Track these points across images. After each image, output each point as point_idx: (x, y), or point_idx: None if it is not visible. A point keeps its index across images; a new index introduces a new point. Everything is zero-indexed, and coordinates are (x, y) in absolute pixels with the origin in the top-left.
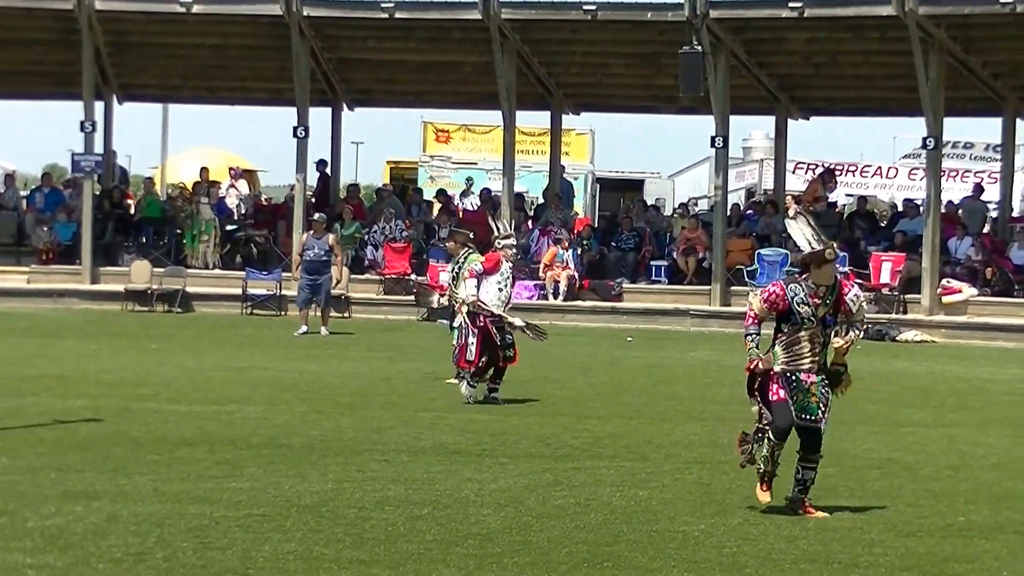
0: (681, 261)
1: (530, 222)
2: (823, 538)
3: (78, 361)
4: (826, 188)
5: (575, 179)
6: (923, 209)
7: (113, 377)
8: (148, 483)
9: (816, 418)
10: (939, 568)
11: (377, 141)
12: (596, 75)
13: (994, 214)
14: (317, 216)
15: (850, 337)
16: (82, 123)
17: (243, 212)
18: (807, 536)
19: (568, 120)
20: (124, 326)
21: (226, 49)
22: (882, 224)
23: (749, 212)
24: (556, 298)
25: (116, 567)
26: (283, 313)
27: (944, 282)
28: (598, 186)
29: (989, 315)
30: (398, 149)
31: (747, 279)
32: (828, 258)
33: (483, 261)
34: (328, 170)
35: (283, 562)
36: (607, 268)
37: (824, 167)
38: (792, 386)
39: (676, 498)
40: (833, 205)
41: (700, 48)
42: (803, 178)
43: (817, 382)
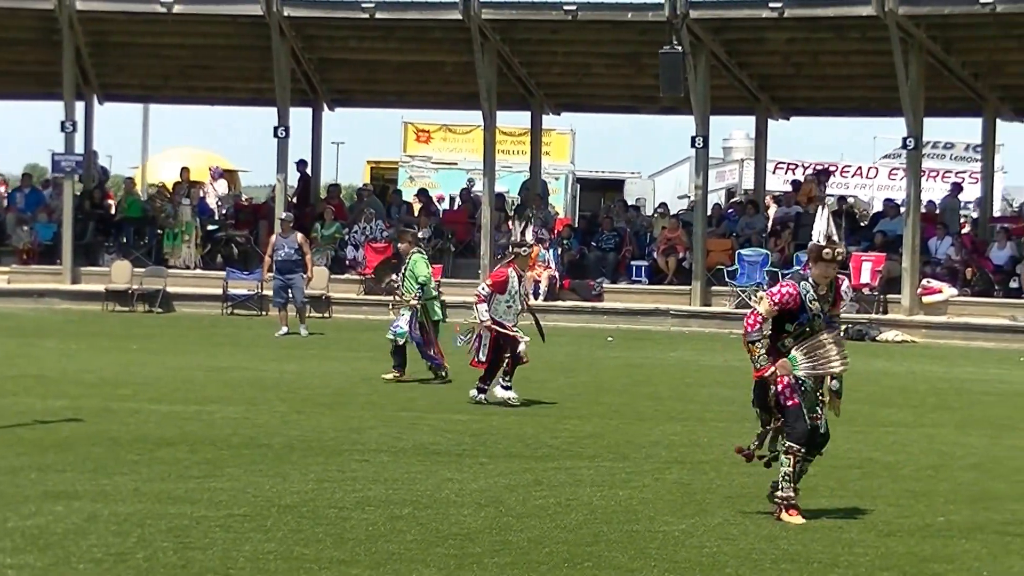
0: (661, 261)
1: (510, 222)
2: (803, 538)
3: (58, 361)
4: (820, 187)
5: (555, 179)
6: (903, 209)
7: (94, 377)
8: (129, 483)
9: (819, 416)
10: (919, 568)
11: (358, 141)
12: (576, 75)
13: (974, 214)
14: (284, 215)
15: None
16: (63, 123)
17: (224, 212)
18: (787, 536)
19: (548, 120)
20: (105, 326)
21: (206, 49)
22: (862, 224)
23: (729, 212)
24: (536, 298)
25: (96, 567)
26: (264, 313)
27: (924, 282)
28: (578, 186)
29: (969, 315)
30: (378, 149)
31: (727, 279)
32: (824, 257)
33: (489, 283)
34: (308, 170)
35: (263, 562)
36: (587, 268)
37: (816, 167)
38: (802, 390)
39: (656, 498)
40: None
41: (680, 48)
42: (783, 178)
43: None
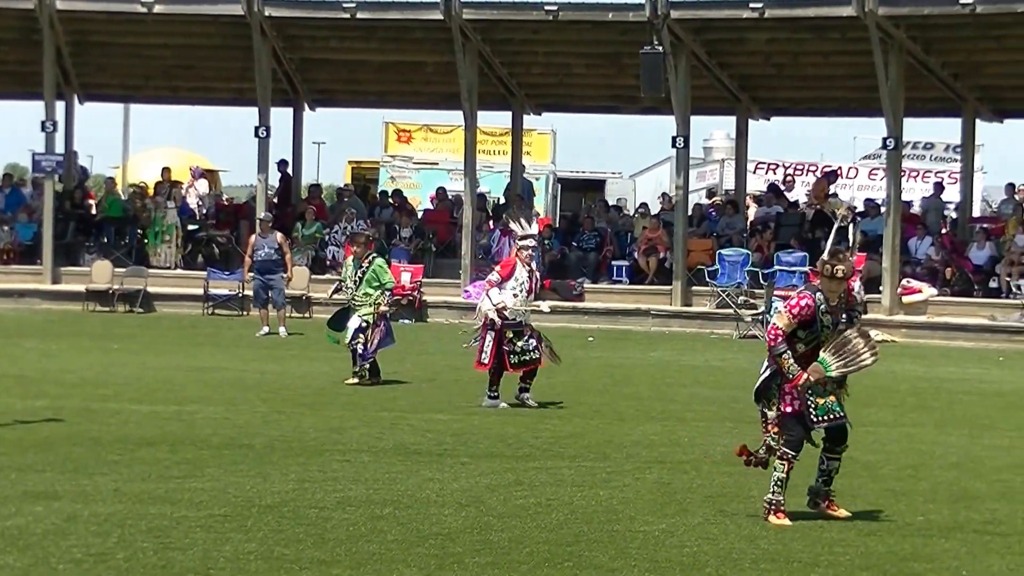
0: (642, 261)
1: (491, 222)
2: (783, 537)
3: (39, 361)
4: (829, 186)
5: (536, 179)
6: (883, 209)
7: (74, 377)
8: (109, 483)
9: (841, 414)
10: (898, 567)
11: (339, 141)
12: (557, 75)
13: (954, 215)
14: (263, 215)
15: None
16: (43, 123)
17: (205, 212)
18: (767, 536)
19: (529, 120)
20: (85, 326)
21: (188, 49)
22: (842, 224)
23: (710, 212)
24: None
25: (76, 568)
26: (245, 313)
27: (904, 282)
28: (559, 186)
29: (949, 315)
30: (360, 149)
31: (708, 279)
32: (824, 273)
33: (499, 270)
34: (290, 170)
35: (244, 562)
36: (568, 268)
37: (824, 169)
38: (809, 393)
39: (637, 497)
40: (795, 204)
41: (661, 48)
42: (763, 178)
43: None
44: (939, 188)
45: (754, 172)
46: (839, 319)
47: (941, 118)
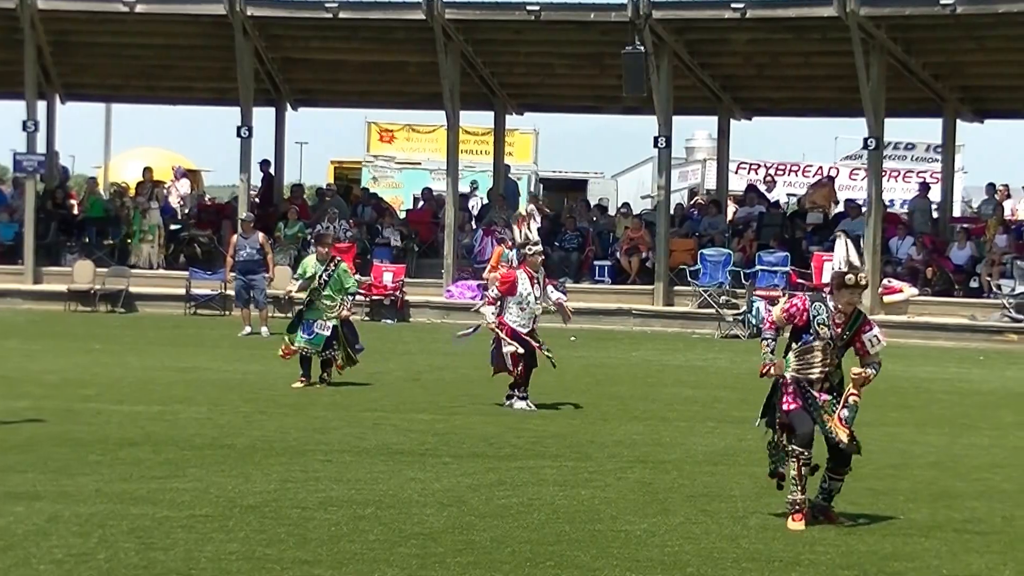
0: (624, 261)
1: (473, 222)
2: (764, 537)
3: (20, 361)
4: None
5: (519, 179)
6: (864, 209)
7: (56, 377)
8: (91, 484)
9: (838, 439)
10: (879, 566)
11: (321, 141)
12: (540, 75)
13: (935, 215)
14: (244, 215)
15: (868, 373)
16: (24, 123)
17: (187, 212)
18: (748, 535)
19: (512, 120)
20: (67, 326)
21: (169, 49)
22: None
23: (692, 212)
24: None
25: (58, 568)
26: (227, 313)
27: (885, 282)
28: (541, 186)
29: (929, 315)
30: (342, 149)
31: (690, 279)
32: (847, 283)
33: (498, 284)
34: (272, 170)
35: (226, 562)
36: (550, 268)
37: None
38: (807, 400)
39: (619, 497)
40: (776, 205)
41: (643, 48)
42: (745, 178)
43: (830, 400)
44: (925, 188)
45: (736, 172)
46: (839, 337)
47: (922, 118)
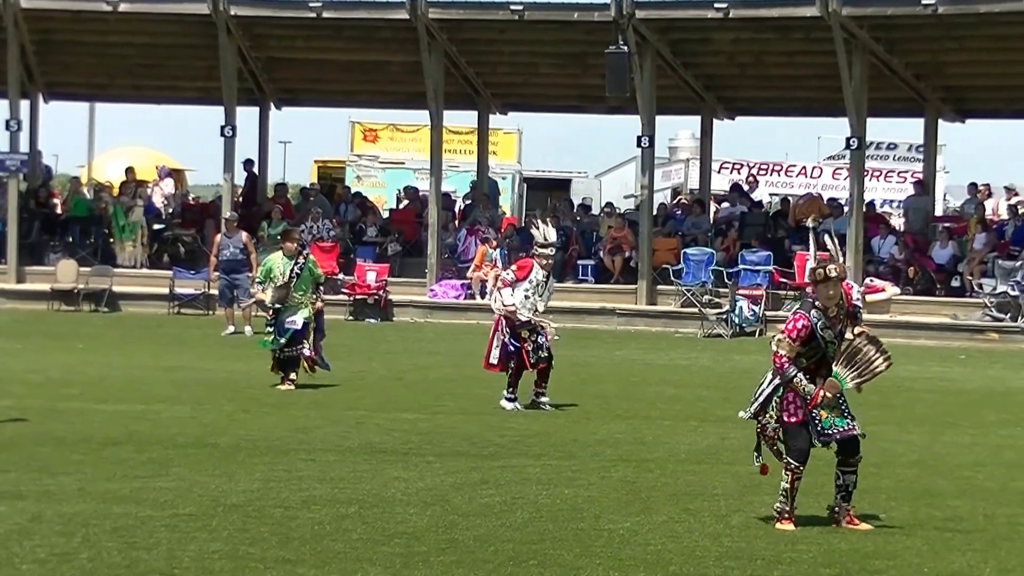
0: (607, 260)
1: (457, 221)
2: (746, 535)
3: (3, 361)
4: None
5: (502, 179)
6: (847, 209)
7: (39, 377)
8: (74, 483)
9: (849, 427)
10: (860, 564)
11: (305, 141)
12: (523, 75)
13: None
14: (228, 215)
15: (862, 329)
16: (7, 122)
17: (171, 211)
18: (731, 533)
19: (495, 120)
20: (50, 325)
21: (153, 48)
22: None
23: (675, 212)
24: (483, 297)
25: (40, 567)
26: (210, 312)
27: (867, 281)
28: (525, 186)
29: (911, 314)
30: (326, 148)
31: (673, 278)
32: (818, 278)
33: (515, 270)
34: (255, 169)
35: (209, 562)
36: None
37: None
38: (807, 412)
39: (602, 496)
40: (759, 204)
41: (626, 48)
42: (728, 178)
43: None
44: (920, 186)
45: (719, 172)
46: (842, 329)
47: (904, 118)
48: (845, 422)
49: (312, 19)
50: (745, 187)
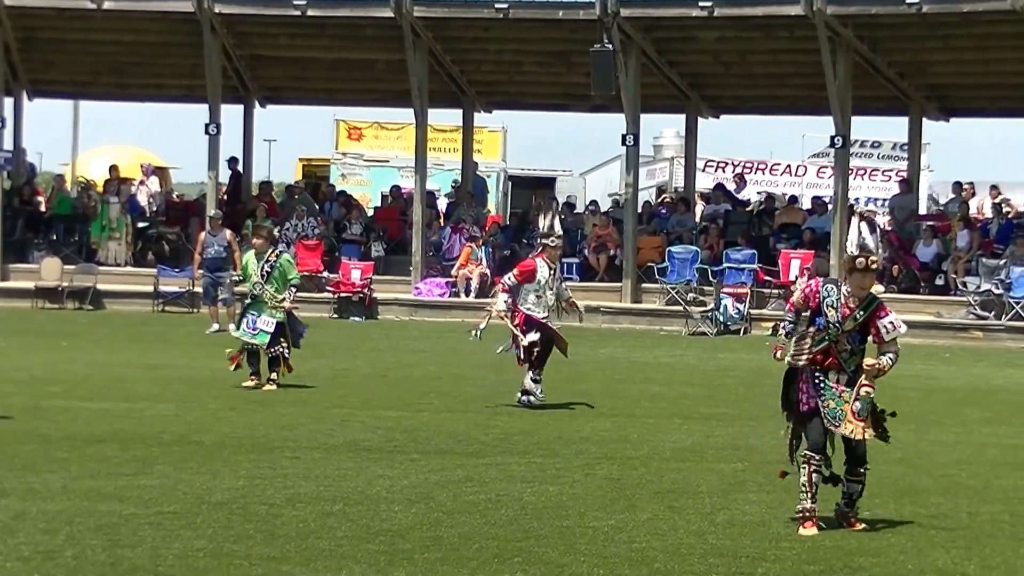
0: (592, 258)
1: (441, 219)
2: (731, 532)
3: None
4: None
5: (487, 177)
6: (831, 207)
7: (23, 375)
8: (58, 480)
9: (838, 424)
10: (845, 561)
11: (290, 139)
12: (508, 73)
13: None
14: (213, 212)
15: (884, 361)
16: None
17: (155, 209)
18: (715, 531)
19: (480, 118)
20: (34, 323)
21: (137, 45)
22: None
23: (660, 210)
24: (468, 295)
25: (25, 565)
26: (195, 310)
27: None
28: (510, 184)
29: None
30: (310, 147)
31: (658, 276)
32: (858, 267)
33: (516, 274)
34: (240, 167)
35: (193, 559)
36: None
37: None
38: (820, 390)
39: (586, 494)
40: (745, 203)
41: (611, 46)
42: (713, 176)
43: (847, 391)
44: (905, 185)
45: (703, 170)
46: (854, 329)
47: (888, 116)
48: (842, 419)
49: (296, 17)
50: (733, 186)
